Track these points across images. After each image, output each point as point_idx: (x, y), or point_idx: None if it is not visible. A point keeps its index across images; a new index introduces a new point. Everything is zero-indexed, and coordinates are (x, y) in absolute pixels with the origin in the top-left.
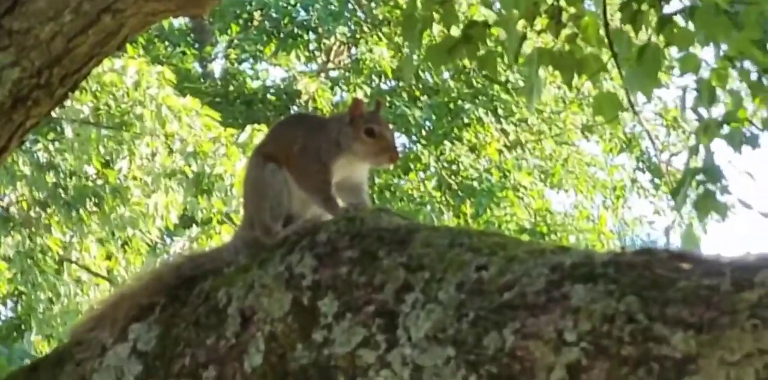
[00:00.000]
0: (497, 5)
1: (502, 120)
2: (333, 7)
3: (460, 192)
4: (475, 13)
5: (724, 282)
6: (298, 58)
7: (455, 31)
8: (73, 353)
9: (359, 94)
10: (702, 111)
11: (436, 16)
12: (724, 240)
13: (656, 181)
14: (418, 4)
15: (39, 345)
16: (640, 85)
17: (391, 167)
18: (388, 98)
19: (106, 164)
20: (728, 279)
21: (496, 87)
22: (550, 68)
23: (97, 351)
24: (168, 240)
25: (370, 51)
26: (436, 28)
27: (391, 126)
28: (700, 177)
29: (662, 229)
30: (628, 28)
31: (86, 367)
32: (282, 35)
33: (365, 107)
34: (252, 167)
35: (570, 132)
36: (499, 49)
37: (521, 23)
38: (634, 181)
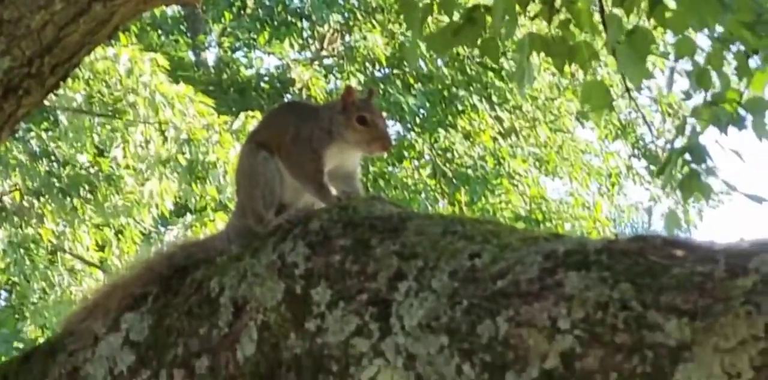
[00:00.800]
0: None
1: (497, 107)
2: None
3: (454, 180)
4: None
5: (718, 268)
6: (291, 46)
7: (455, 17)
8: (65, 343)
9: (353, 82)
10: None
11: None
12: (719, 226)
13: (652, 167)
14: None
15: (33, 334)
16: (631, 68)
17: (385, 155)
18: (382, 86)
19: (100, 152)
20: (722, 266)
21: (490, 74)
22: (542, 55)
23: (89, 341)
24: (162, 229)
25: (364, 38)
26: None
27: (384, 114)
28: (686, 157)
29: (659, 216)
30: (620, 12)
31: (79, 357)
32: (275, 23)
33: (357, 95)
34: (244, 155)
35: (565, 119)
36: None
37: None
38: (629, 167)
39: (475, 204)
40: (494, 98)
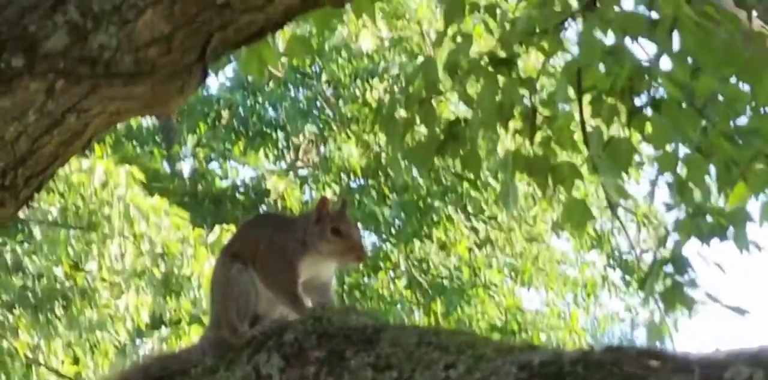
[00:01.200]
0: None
1: (472, 217)
2: (301, 105)
3: (430, 291)
4: (444, 111)
5: (694, 379)
6: (266, 156)
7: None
8: None
9: (328, 192)
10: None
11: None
12: (695, 335)
13: (627, 277)
14: (398, 106)
15: None
16: (612, 180)
17: (359, 266)
18: (357, 196)
19: (75, 265)
20: (697, 376)
21: (465, 184)
22: (525, 172)
23: None
24: (138, 341)
25: (339, 149)
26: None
27: (359, 224)
28: (667, 269)
29: (638, 327)
30: (601, 125)
31: None
32: (250, 134)
33: (331, 206)
34: (219, 267)
35: (540, 229)
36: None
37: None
38: (605, 278)
39: (451, 314)
40: (469, 208)
